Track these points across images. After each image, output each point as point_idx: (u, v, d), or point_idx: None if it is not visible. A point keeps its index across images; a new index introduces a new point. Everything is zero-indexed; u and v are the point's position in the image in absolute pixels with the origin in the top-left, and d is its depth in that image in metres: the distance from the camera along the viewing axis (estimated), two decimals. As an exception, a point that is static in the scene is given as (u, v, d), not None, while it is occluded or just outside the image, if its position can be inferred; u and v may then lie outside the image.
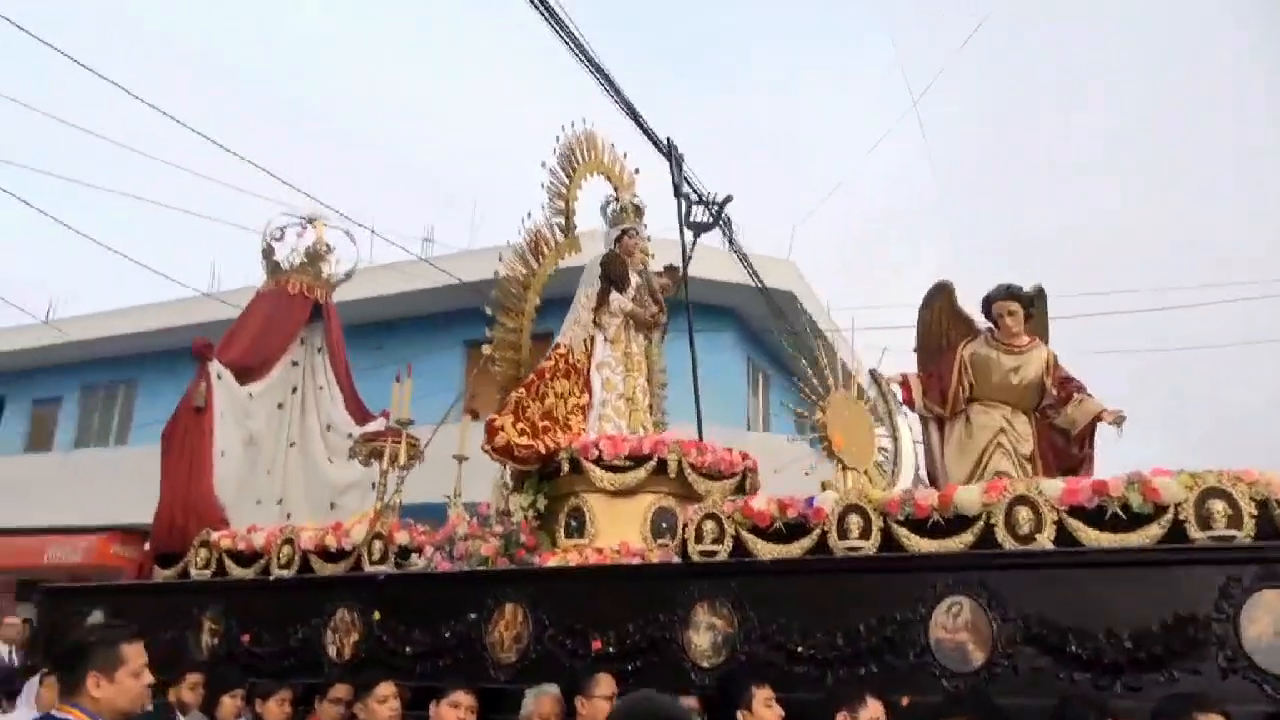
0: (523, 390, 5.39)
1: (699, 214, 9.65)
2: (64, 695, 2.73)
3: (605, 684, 3.95)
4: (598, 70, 7.62)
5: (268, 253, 7.60)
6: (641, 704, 1.86)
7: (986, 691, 3.59)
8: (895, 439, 5.26)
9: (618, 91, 7.74)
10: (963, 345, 5.35)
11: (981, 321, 5.45)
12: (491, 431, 5.18)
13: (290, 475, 7.51)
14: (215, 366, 6.59)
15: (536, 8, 7.01)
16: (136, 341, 17.26)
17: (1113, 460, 4.92)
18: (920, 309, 5.63)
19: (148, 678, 2.70)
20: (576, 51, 7.20)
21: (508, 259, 5.92)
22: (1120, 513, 3.89)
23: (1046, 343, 5.65)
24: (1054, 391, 5.21)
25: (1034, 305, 5.37)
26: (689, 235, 9.07)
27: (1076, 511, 3.96)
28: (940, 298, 5.55)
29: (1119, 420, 5.07)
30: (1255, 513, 3.69)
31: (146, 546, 6.70)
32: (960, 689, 3.70)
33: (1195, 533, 3.74)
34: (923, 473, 5.37)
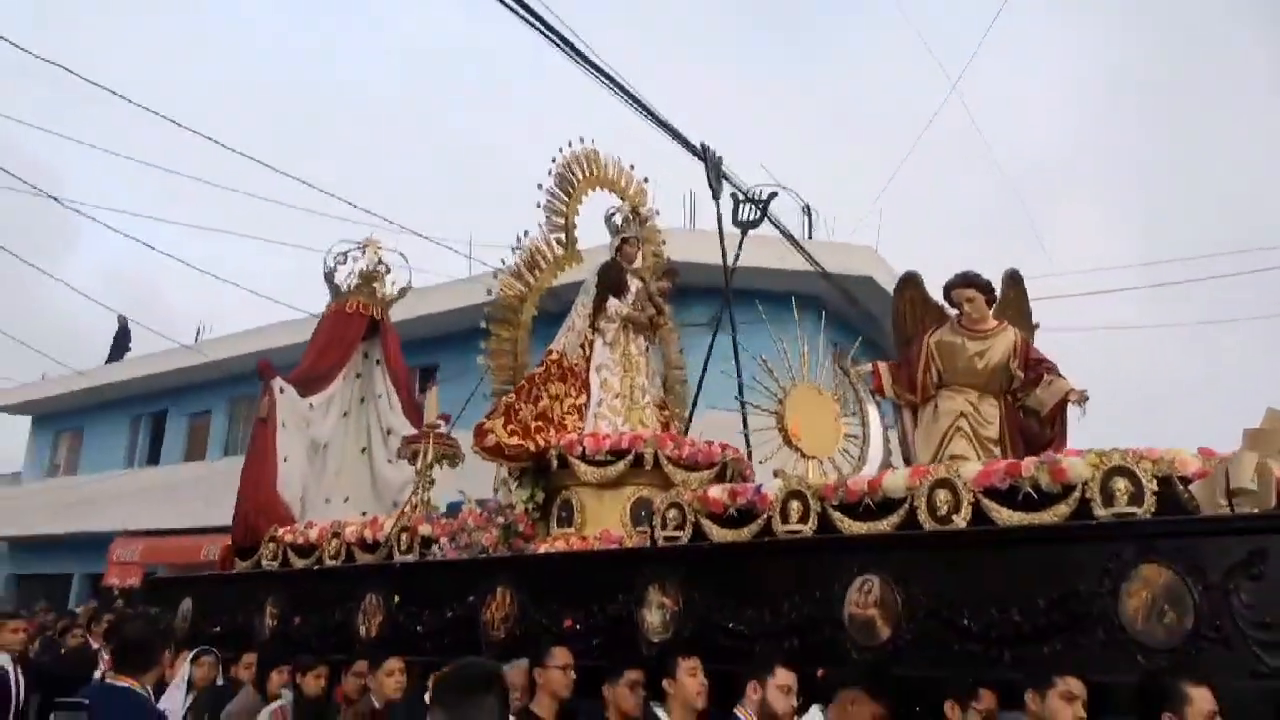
0: (514, 395, 5.92)
1: (750, 211, 9.85)
2: (136, 671, 3.41)
3: (560, 656, 4.40)
4: (627, 94, 7.96)
5: (329, 276, 8.43)
6: (462, 664, 2.31)
7: (883, 664, 3.85)
8: (864, 426, 5.46)
9: (649, 111, 8.07)
10: (929, 333, 5.49)
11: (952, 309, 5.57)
12: (481, 434, 5.74)
13: (359, 476, 8.34)
14: (277, 382, 7.45)
15: (561, 48, 7.34)
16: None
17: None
18: (893, 299, 5.80)
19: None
20: (609, 84, 7.55)
21: (503, 276, 6.46)
22: (1032, 493, 4.03)
23: (1029, 325, 5.72)
24: (1020, 374, 5.28)
25: (1001, 289, 5.44)
26: (736, 231, 9.35)
27: (991, 493, 4.13)
28: (909, 288, 5.70)
29: (1083, 400, 5.11)
30: (1156, 489, 3.76)
31: (229, 541, 7.64)
32: (870, 661, 3.97)
33: (1100, 510, 3.85)
34: (896, 458, 5.55)
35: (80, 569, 21.60)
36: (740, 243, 9.62)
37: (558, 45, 7.29)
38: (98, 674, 6.29)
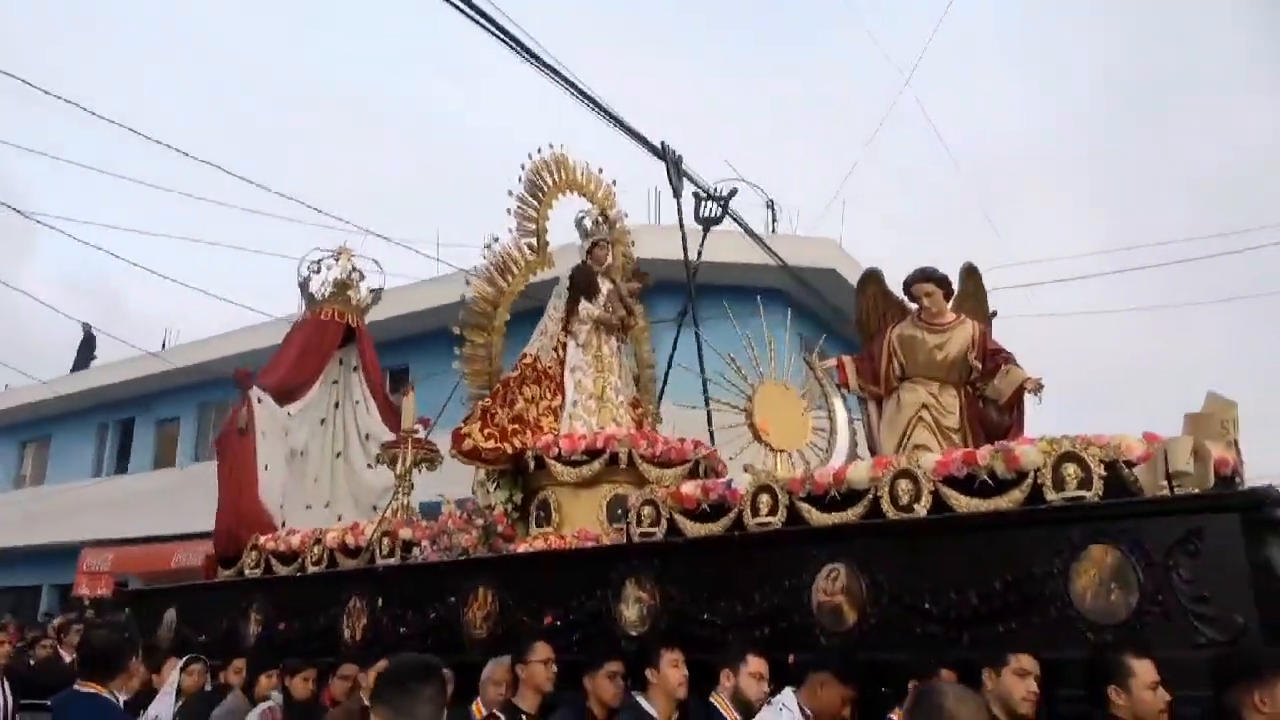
0: (489, 399, 6.06)
1: (711, 208, 10.04)
2: (103, 679, 3.52)
3: (541, 650, 4.54)
4: (586, 96, 8.11)
5: (304, 286, 8.50)
6: (399, 659, 2.45)
7: (850, 649, 4.04)
8: (831, 419, 5.65)
9: (607, 111, 8.23)
10: (891, 328, 5.69)
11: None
12: (458, 438, 5.88)
13: (337, 482, 8.43)
14: (255, 392, 7.53)
15: (518, 52, 7.50)
16: (238, 361, 18.88)
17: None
18: (856, 295, 5.99)
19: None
20: (565, 85, 7.71)
21: (475, 282, 6.58)
22: (988, 479, 4.24)
23: (986, 317, 5.93)
24: (978, 365, 5.49)
25: (959, 283, 5.65)
26: (699, 228, 9.53)
27: (950, 481, 4.33)
28: (872, 284, 5.90)
29: (1038, 388, 5.33)
30: (1104, 474, 3.98)
31: (201, 548, 7.71)
32: (837, 646, 4.16)
33: (1051, 494, 4.05)
34: (863, 449, 5.75)
35: (49, 580, 21.44)
36: (702, 239, 9.80)
37: (515, 49, 7.43)
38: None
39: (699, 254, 8.43)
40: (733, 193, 9.38)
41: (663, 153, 8.65)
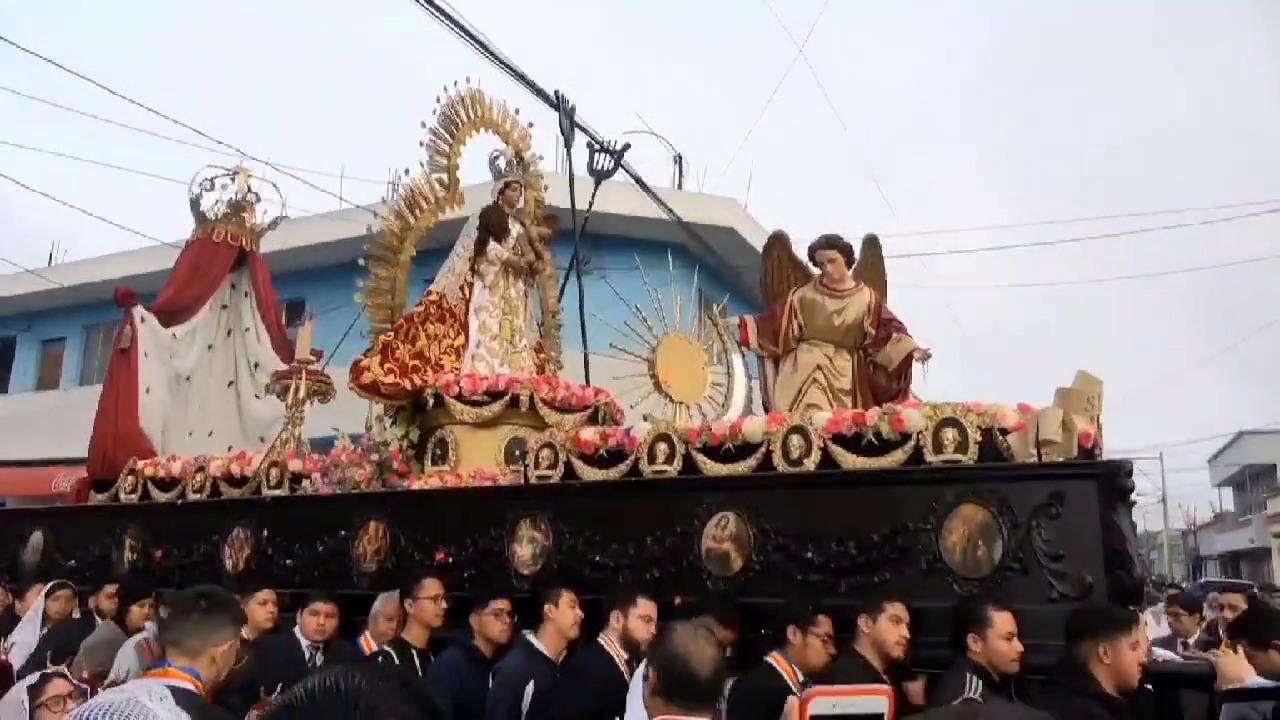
0: (391, 334, 5.98)
1: (604, 160, 9.92)
2: None
3: (430, 587, 4.58)
4: (475, 40, 7.91)
5: (195, 203, 8.12)
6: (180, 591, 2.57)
7: (734, 593, 4.22)
8: (729, 376, 5.80)
9: (497, 57, 8.05)
10: (793, 291, 5.85)
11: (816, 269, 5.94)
12: (357, 371, 5.79)
13: (225, 410, 8.16)
14: (139, 311, 7.19)
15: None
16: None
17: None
18: (762, 256, 6.13)
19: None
20: (456, 29, 7.49)
21: (383, 213, 6.44)
22: (874, 439, 4.45)
23: (884, 286, 6.15)
24: (871, 332, 5.72)
25: (860, 252, 5.85)
26: (591, 182, 9.46)
27: (839, 439, 4.53)
28: (777, 248, 6.05)
29: (925, 357, 5.60)
30: (980, 440, 4.24)
31: (84, 473, 7.39)
32: (722, 590, 4.33)
33: (931, 456, 4.29)
34: (757, 405, 5.93)
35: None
36: (594, 191, 9.74)
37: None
38: None
39: (589, 205, 8.34)
40: (625, 147, 9.31)
41: (556, 102, 8.50)
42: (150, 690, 2.36)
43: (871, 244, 6.05)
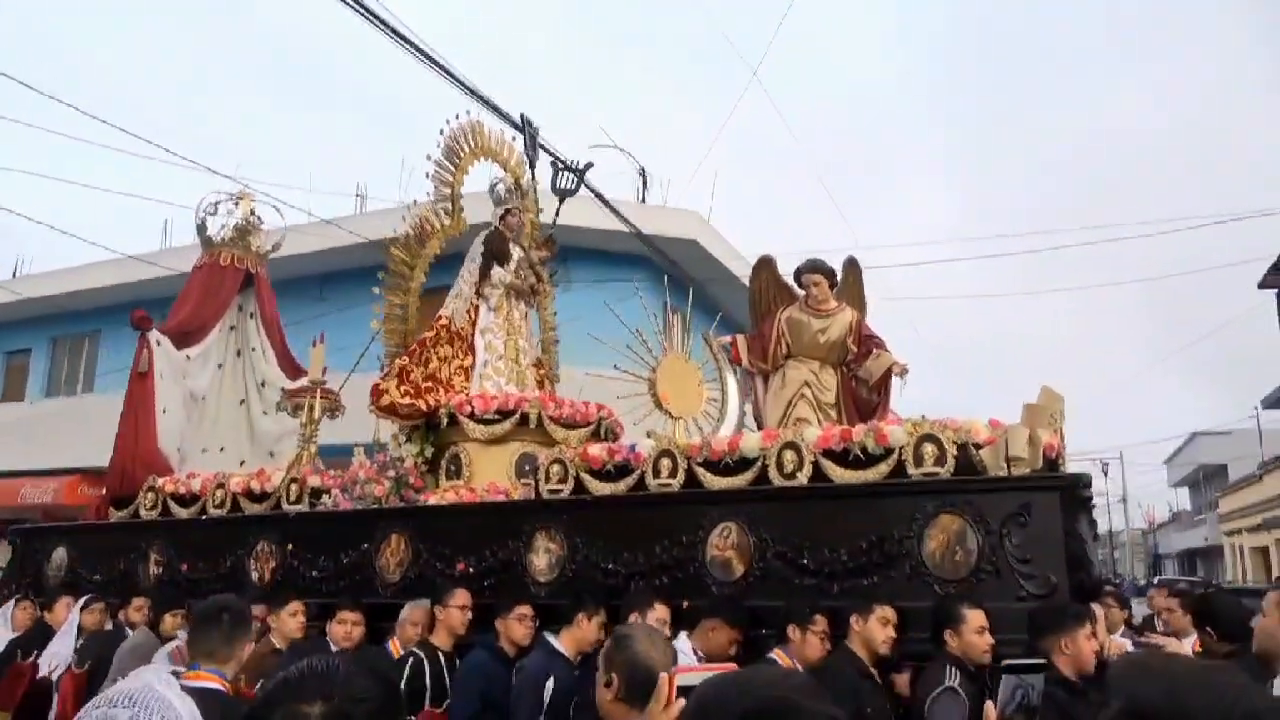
0: (406, 357, 6.36)
1: (568, 179, 10.25)
2: None
3: (460, 597, 4.97)
4: (438, 66, 8.23)
5: (201, 228, 8.41)
6: (205, 601, 3.08)
7: (738, 597, 4.65)
8: (723, 392, 6.23)
9: (460, 81, 8.39)
10: (781, 311, 6.29)
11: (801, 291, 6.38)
12: (376, 394, 6.16)
13: (237, 427, 8.48)
14: (154, 335, 7.50)
15: (373, 22, 7.54)
16: (98, 295, 18.09)
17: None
18: (750, 280, 6.56)
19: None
20: (423, 59, 7.83)
21: (395, 248, 6.81)
22: (860, 454, 4.90)
23: (862, 306, 6.61)
24: (854, 349, 6.17)
25: (842, 274, 6.30)
26: (554, 200, 9.83)
27: (829, 454, 4.97)
28: (764, 271, 6.49)
29: (903, 372, 6.06)
30: (955, 454, 4.69)
31: (104, 491, 7.69)
32: (727, 595, 4.76)
33: (912, 469, 4.75)
34: (750, 420, 6.37)
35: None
36: (557, 210, 10.09)
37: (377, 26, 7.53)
38: None
39: (553, 222, 8.63)
40: (588, 165, 9.66)
41: (522, 125, 8.79)
42: (160, 677, 2.75)
43: (852, 265, 6.50)
